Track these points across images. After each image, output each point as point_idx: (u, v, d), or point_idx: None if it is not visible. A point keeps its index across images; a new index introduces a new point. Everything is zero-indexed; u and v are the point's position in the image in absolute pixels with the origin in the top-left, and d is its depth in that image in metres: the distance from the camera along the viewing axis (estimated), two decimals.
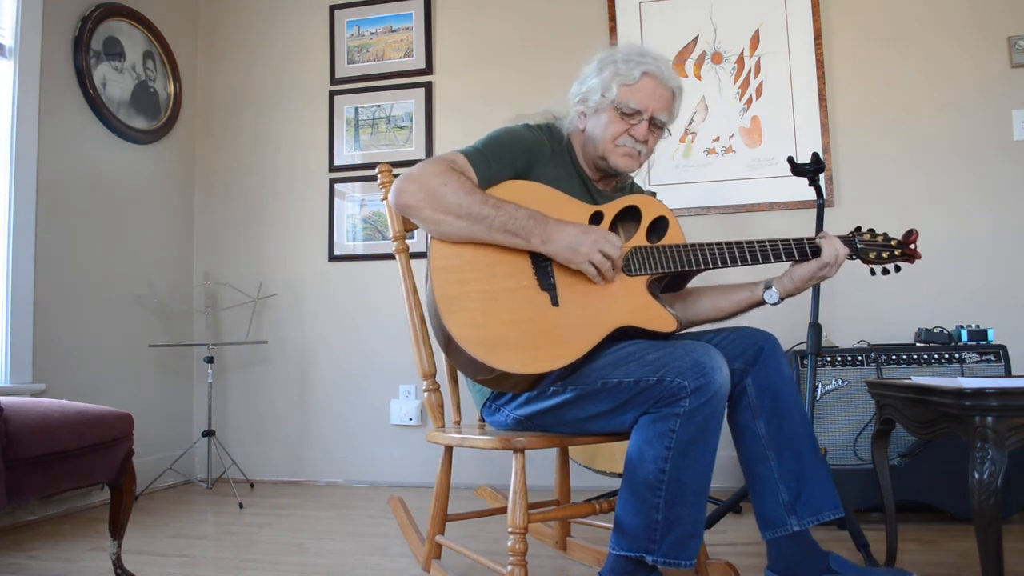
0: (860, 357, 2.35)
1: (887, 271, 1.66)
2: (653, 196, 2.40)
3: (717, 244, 1.58)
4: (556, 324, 1.47)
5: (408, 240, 1.81)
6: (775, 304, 1.65)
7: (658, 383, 1.37)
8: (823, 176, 2.89)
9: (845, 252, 1.60)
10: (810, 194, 2.82)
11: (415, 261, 1.82)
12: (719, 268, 1.59)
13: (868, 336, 2.64)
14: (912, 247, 1.65)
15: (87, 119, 2.97)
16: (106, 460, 1.73)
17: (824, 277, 1.61)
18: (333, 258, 3.40)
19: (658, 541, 1.37)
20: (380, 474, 3.26)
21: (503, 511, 1.59)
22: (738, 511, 2.50)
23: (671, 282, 1.69)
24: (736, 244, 1.59)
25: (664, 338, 1.53)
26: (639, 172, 1.82)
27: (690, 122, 3.09)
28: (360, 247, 3.38)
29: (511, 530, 1.45)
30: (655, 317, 1.52)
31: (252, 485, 3.21)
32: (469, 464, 2.99)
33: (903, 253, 1.65)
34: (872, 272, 1.68)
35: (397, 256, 1.79)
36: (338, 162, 3.43)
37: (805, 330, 2.05)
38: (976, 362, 2.30)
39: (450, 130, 3.32)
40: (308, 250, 3.44)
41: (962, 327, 2.37)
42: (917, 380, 1.66)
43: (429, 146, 3.33)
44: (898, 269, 1.66)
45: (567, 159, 1.69)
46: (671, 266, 1.57)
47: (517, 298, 1.48)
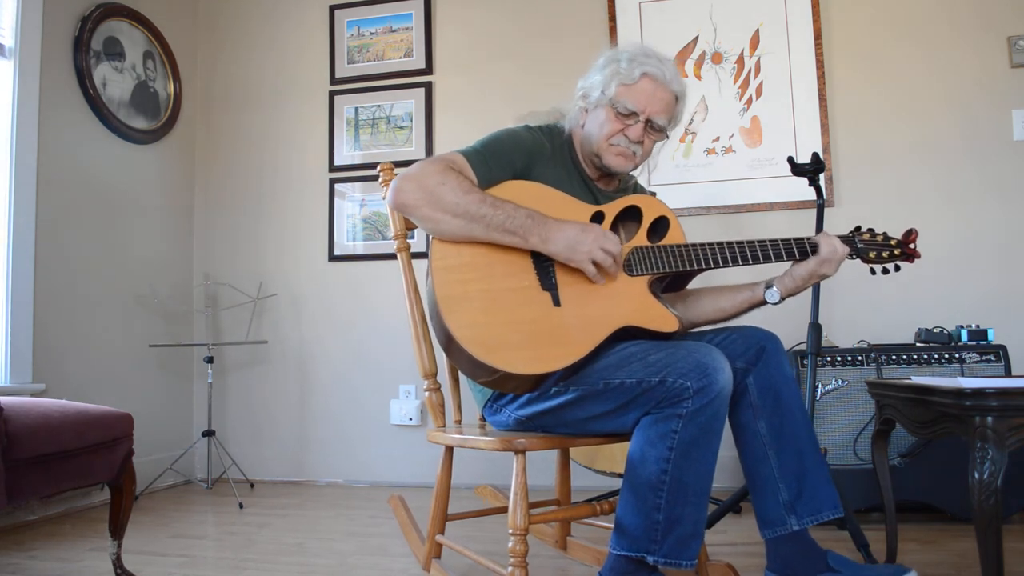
0: (860, 357, 2.36)
1: (887, 270, 1.67)
2: (654, 196, 2.40)
3: (718, 244, 1.58)
4: (558, 324, 1.47)
5: (409, 239, 1.81)
6: (776, 303, 1.65)
7: (660, 384, 1.36)
8: (823, 176, 2.89)
9: (844, 250, 1.60)
10: (810, 194, 2.82)
11: (416, 260, 1.82)
12: (720, 268, 1.59)
13: (868, 336, 2.64)
14: (912, 246, 1.65)
15: (87, 119, 2.97)
16: (106, 460, 1.73)
17: (824, 275, 1.61)
18: (333, 258, 3.40)
19: (659, 541, 1.36)
20: (380, 474, 3.26)
21: (503, 511, 1.59)
22: (738, 511, 2.50)
23: (672, 282, 1.69)
24: (736, 244, 1.58)
25: (666, 338, 1.52)
26: (640, 172, 1.82)
27: (690, 122, 3.09)
28: (360, 247, 3.38)
29: (512, 531, 1.45)
30: (657, 317, 1.52)
31: (252, 485, 3.21)
32: (469, 464, 2.99)
33: (903, 252, 1.65)
34: (872, 271, 1.69)
35: (398, 255, 1.79)
36: (338, 162, 3.43)
37: (805, 330, 2.05)
38: (976, 362, 2.31)
39: (450, 130, 3.32)
40: (308, 250, 3.44)
41: (962, 327, 2.37)
42: (917, 380, 1.66)
43: (429, 146, 3.33)
44: (898, 268, 1.67)
45: (568, 159, 1.69)
46: (672, 266, 1.56)
47: (519, 298, 1.48)
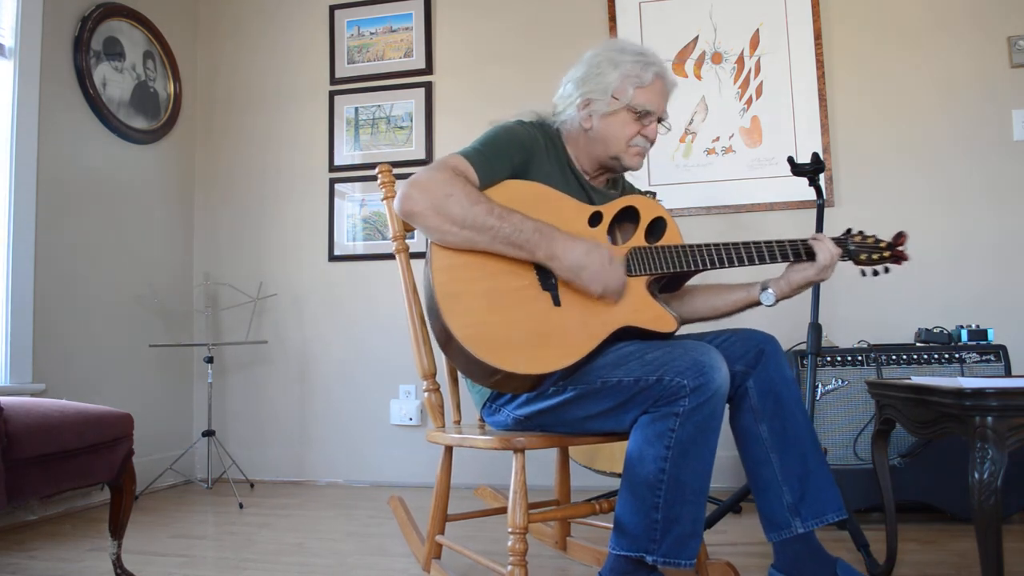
0: (860, 357, 2.35)
1: (877, 272, 1.68)
2: (653, 196, 2.41)
3: (715, 245, 1.59)
4: (558, 324, 1.47)
5: (408, 240, 1.81)
6: (771, 306, 1.66)
7: (657, 382, 1.37)
8: (823, 176, 2.89)
9: (838, 252, 1.62)
10: (810, 194, 2.82)
11: (415, 261, 1.82)
12: (716, 269, 1.59)
13: (868, 336, 2.64)
14: (901, 249, 1.67)
15: (87, 119, 2.97)
16: (106, 460, 1.73)
17: (821, 280, 1.62)
18: (333, 258, 3.40)
19: (658, 541, 1.37)
20: (380, 474, 3.26)
21: (503, 511, 1.60)
22: (738, 511, 2.50)
23: (669, 282, 1.69)
24: (732, 245, 1.59)
25: (664, 338, 1.53)
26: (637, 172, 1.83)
27: (690, 122, 3.09)
28: (360, 247, 3.38)
29: (511, 530, 1.45)
30: (656, 317, 1.53)
31: (252, 485, 3.21)
32: (469, 464, 2.99)
33: (892, 255, 1.67)
34: (863, 273, 1.70)
35: (397, 256, 1.79)
36: (338, 162, 3.43)
37: (805, 330, 2.05)
38: (976, 362, 2.30)
39: (450, 130, 3.32)
40: (308, 250, 3.44)
41: (962, 327, 2.37)
42: (917, 380, 1.66)
43: (429, 146, 3.33)
44: (887, 271, 1.68)
45: (561, 156, 1.69)
46: (670, 266, 1.57)
47: (519, 298, 1.48)
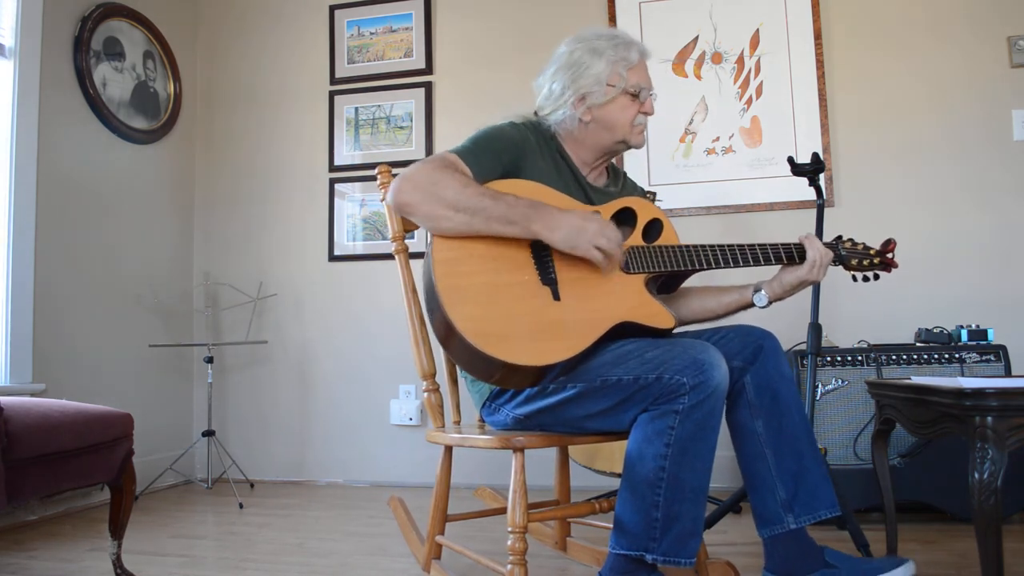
0: (860, 357, 2.35)
1: (867, 279, 1.70)
2: (653, 196, 2.41)
3: (711, 246, 1.61)
4: (558, 318, 1.47)
5: (408, 240, 1.81)
6: (764, 307, 1.68)
7: (657, 380, 1.37)
8: (823, 176, 2.89)
9: (830, 256, 1.63)
10: (810, 194, 2.82)
11: (414, 261, 1.83)
12: (712, 269, 1.61)
13: (868, 336, 2.64)
14: (890, 256, 1.68)
15: (87, 119, 2.97)
16: (106, 460, 1.73)
17: (813, 280, 1.63)
18: (333, 258, 3.40)
19: (658, 539, 1.37)
20: (380, 474, 3.26)
21: (503, 511, 1.59)
22: (738, 511, 2.50)
23: (664, 284, 1.70)
24: (728, 247, 1.62)
25: (663, 335, 1.53)
26: (636, 160, 1.84)
27: (690, 122, 3.09)
28: (360, 247, 3.38)
29: (511, 529, 1.45)
30: (654, 314, 1.54)
31: (252, 485, 3.21)
32: (469, 464, 2.99)
33: (881, 262, 1.68)
34: (854, 279, 1.72)
35: (397, 256, 1.79)
36: (338, 162, 3.43)
37: (805, 330, 2.05)
38: (976, 362, 2.30)
39: (450, 130, 3.32)
40: (308, 250, 3.44)
41: (962, 327, 2.37)
42: (917, 380, 1.66)
43: (429, 146, 3.33)
44: (877, 277, 1.70)
45: (555, 154, 1.69)
46: (668, 265, 1.58)
47: (519, 292, 1.48)
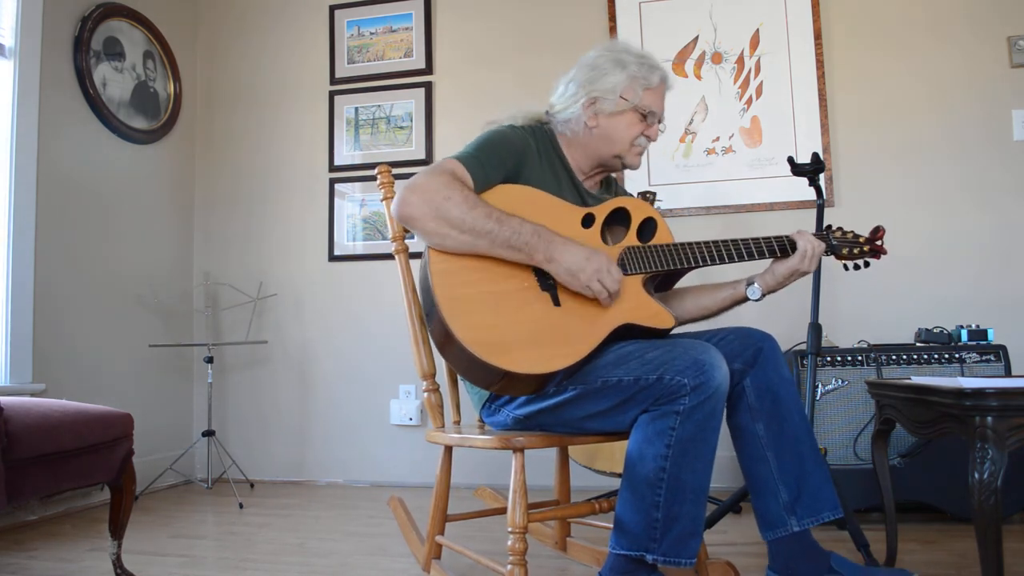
0: (860, 357, 2.35)
1: (858, 266, 1.73)
2: (653, 196, 2.41)
3: (704, 243, 1.62)
4: (559, 324, 1.47)
5: (408, 240, 1.82)
6: (758, 300, 1.69)
7: (658, 381, 1.37)
8: (823, 176, 2.89)
9: (821, 246, 1.65)
10: (810, 194, 2.82)
11: (415, 261, 1.82)
12: (707, 266, 1.62)
13: (868, 336, 2.64)
14: (879, 243, 1.71)
15: (87, 119, 2.97)
16: (106, 460, 1.73)
17: (805, 271, 1.65)
18: (333, 258, 3.40)
19: (658, 540, 1.37)
20: (380, 474, 3.26)
21: (503, 511, 1.60)
22: (738, 511, 2.50)
23: (661, 281, 1.70)
24: (723, 243, 1.63)
25: (663, 335, 1.53)
26: (638, 169, 1.85)
27: (690, 122, 3.09)
28: (360, 247, 3.38)
29: (511, 529, 1.45)
30: (654, 314, 1.54)
31: (252, 485, 3.21)
32: (469, 464, 2.99)
33: (871, 249, 1.71)
34: (845, 268, 1.75)
35: (396, 256, 1.80)
36: (338, 162, 3.43)
37: (805, 330, 2.05)
38: (976, 362, 2.30)
39: (450, 130, 3.32)
40: (308, 250, 3.44)
41: (962, 327, 2.37)
42: (917, 380, 1.66)
43: (429, 146, 3.33)
44: (867, 264, 1.73)
45: (554, 158, 1.69)
46: (664, 264, 1.59)
47: (519, 299, 1.48)
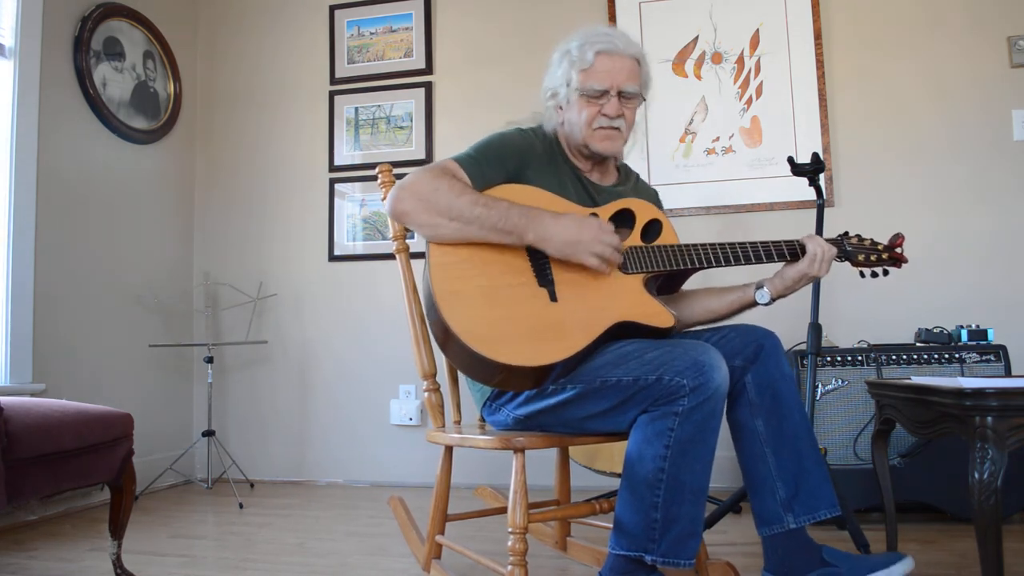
0: (860, 357, 2.35)
1: (876, 274, 1.69)
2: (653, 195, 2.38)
3: (710, 245, 1.61)
4: (556, 319, 1.47)
5: (408, 240, 1.82)
6: (767, 304, 1.67)
7: (657, 381, 1.37)
8: (823, 176, 2.89)
9: (833, 250, 1.62)
10: (810, 194, 2.81)
11: (415, 261, 1.82)
12: (711, 268, 1.61)
13: (868, 336, 2.64)
14: (898, 251, 1.67)
15: (87, 119, 2.97)
16: (106, 460, 1.73)
17: (815, 276, 1.62)
18: (333, 258, 3.40)
19: (657, 540, 1.37)
20: (380, 474, 3.26)
21: (503, 511, 1.59)
22: (738, 511, 2.50)
23: (666, 284, 1.70)
24: (729, 245, 1.61)
25: (663, 335, 1.53)
26: (636, 160, 1.83)
27: (690, 122, 3.09)
28: (360, 247, 3.38)
29: (511, 530, 1.45)
30: (653, 313, 1.53)
31: (252, 485, 3.21)
32: (469, 464, 2.98)
33: (891, 256, 1.67)
34: (862, 275, 1.72)
35: (397, 256, 1.80)
36: (338, 162, 3.43)
37: (805, 330, 2.05)
38: (976, 362, 2.30)
39: (450, 130, 3.32)
40: (308, 250, 3.44)
41: (962, 327, 2.37)
42: (917, 380, 1.66)
43: (429, 146, 3.33)
44: (886, 273, 1.68)
45: (559, 157, 1.70)
46: (666, 265, 1.58)
47: (517, 294, 1.48)
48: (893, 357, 2.34)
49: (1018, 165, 2.80)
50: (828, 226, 2.33)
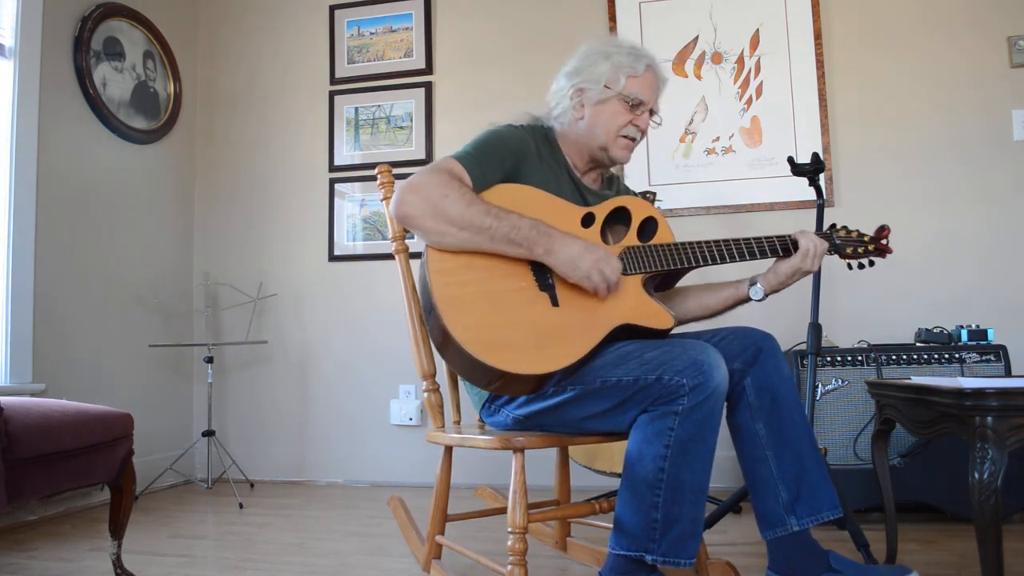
0: (860, 357, 2.35)
1: (862, 266, 1.72)
2: (653, 196, 2.40)
3: (705, 242, 1.62)
4: (557, 324, 1.47)
5: (408, 240, 1.82)
6: (760, 300, 1.69)
7: (656, 381, 1.37)
8: (823, 176, 2.89)
9: (824, 245, 1.65)
10: (810, 194, 2.82)
11: (414, 261, 1.82)
12: (707, 265, 1.62)
13: (868, 336, 2.64)
14: (884, 242, 1.70)
15: (87, 119, 2.97)
16: (106, 460, 1.73)
17: (807, 271, 1.64)
18: (333, 258, 3.40)
19: (657, 540, 1.37)
20: (380, 474, 3.26)
21: (503, 511, 1.59)
22: (738, 511, 2.50)
23: (662, 281, 1.70)
24: (723, 242, 1.62)
25: (662, 336, 1.53)
26: (636, 161, 1.83)
27: (690, 122, 3.09)
28: (360, 247, 3.38)
29: (511, 530, 1.45)
30: (653, 314, 1.54)
31: (252, 485, 3.21)
32: (469, 464, 2.99)
33: (876, 248, 1.70)
34: (849, 267, 1.74)
35: (396, 256, 1.80)
36: (338, 162, 3.43)
37: (805, 330, 2.05)
38: (976, 362, 2.30)
39: (450, 130, 3.32)
40: (308, 250, 3.44)
41: (962, 327, 2.37)
42: (917, 380, 1.66)
43: (429, 146, 3.33)
44: (872, 263, 1.72)
45: (553, 157, 1.69)
46: (664, 264, 1.59)
47: (518, 299, 1.48)
48: (893, 357, 2.34)
49: (1018, 165, 2.80)
50: (828, 226, 2.33)
